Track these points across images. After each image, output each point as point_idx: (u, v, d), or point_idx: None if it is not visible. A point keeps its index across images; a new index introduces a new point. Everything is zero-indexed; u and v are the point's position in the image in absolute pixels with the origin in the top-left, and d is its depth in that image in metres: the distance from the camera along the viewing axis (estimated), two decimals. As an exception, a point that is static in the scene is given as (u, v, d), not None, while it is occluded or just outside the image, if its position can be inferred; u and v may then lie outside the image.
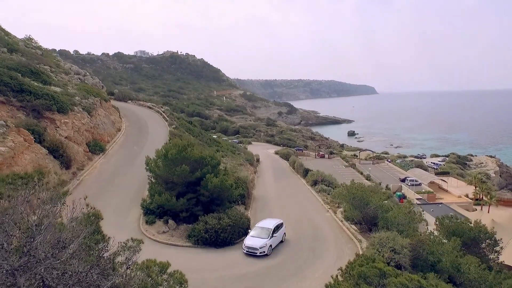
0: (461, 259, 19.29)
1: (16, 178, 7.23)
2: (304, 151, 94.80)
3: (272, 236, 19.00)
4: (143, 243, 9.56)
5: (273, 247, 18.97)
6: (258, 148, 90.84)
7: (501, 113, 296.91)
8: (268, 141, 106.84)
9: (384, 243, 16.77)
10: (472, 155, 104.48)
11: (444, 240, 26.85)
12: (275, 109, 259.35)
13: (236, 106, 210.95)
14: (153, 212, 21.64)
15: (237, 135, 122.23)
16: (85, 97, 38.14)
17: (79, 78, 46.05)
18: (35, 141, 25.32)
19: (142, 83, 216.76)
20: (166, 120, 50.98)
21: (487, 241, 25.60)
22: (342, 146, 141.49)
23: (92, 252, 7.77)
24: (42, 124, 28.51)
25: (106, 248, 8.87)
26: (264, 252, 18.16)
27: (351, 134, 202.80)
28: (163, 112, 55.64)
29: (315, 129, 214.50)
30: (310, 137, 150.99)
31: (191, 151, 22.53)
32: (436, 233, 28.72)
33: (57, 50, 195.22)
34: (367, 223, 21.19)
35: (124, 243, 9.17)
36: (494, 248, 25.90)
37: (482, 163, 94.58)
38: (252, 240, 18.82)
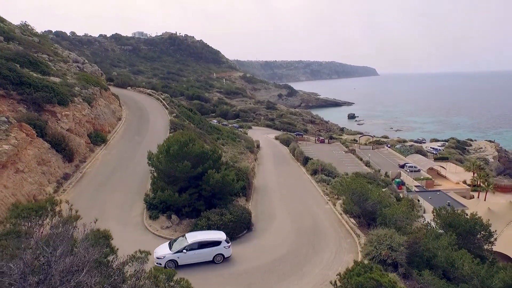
0: (455, 252, 19.91)
1: (30, 211, 7.51)
2: (304, 136, 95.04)
3: (182, 251, 16.78)
4: (150, 254, 9.95)
5: (181, 263, 16.64)
6: (258, 133, 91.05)
7: (504, 95, 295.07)
8: (268, 126, 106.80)
9: (381, 241, 17.28)
10: (471, 140, 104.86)
11: (440, 230, 27.60)
12: (275, 91, 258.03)
13: (236, 88, 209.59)
14: (156, 207, 22.10)
15: (237, 119, 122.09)
16: (84, 87, 37.97)
17: (78, 66, 45.62)
18: (37, 135, 25.49)
19: (141, 65, 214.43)
20: (167, 108, 50.85)
21: (482, 232, 26.27)
22: (342, 130, 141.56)
23: (102, 267, 8.13)
24: (43, 117, 28.59)
25: (115, 261, 9.25)
26: (160, 264, 16.27)
27: (351, 117, 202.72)
28: (163, 99, 55.41)
29: (315, 112, 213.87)
30: (310, 120, 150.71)
31: (192, 147, 22.76)
32: (433, 224, 29.49)
33: (53, 31, 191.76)
34: (366, 217, 21.70)
35: (132, 255, 9.56)
36: (489, 239, 26.62)
37: (481, 148, 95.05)
38: (160, 247, 17.62)
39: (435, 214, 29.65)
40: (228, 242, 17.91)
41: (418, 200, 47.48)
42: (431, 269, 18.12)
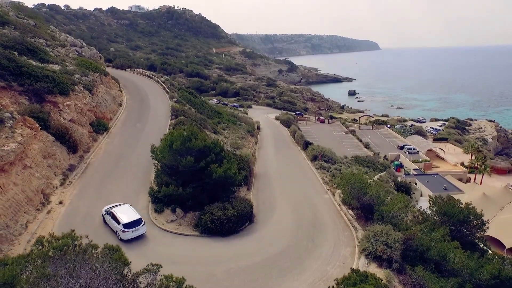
0: (448, 244, 20.83)
1: (56, 251, 8.02)
2: (304, 116, 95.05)
3: (105, 213, 21.05)
4: (161, 267, 10.63)
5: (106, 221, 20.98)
6: (258, 113, 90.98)
7: (509, 71, 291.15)
8: (268, 105, 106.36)
9: (378, 237, 18.11)
10: (471, 120, 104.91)
11: (435, 218, 28.60)
12: (275, 67, 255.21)
13: (236, 64, 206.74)
14: (161, 201, 22.82)
15: (237, 97, 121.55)
16: (84, 74, 37.73)
17: (76, 51, 45.01)
18: (41, 128, 25.75)
19: (139, 41, 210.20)
20: (167, 92, 50.65)
21: (475, 221, 27.32)
22: (342, 108, 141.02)
23: (119, 284, 8.80)
24: (45, 109, 28.73)
25: (130, 273, 9.95)
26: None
27: (352, 93, 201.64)
28: (163, 82, 55.02)
29: (315, 88, 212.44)
30: (310, 98, 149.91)
31: (195, 142, 23.14)
32: (428, 211, 30.56)
33: (47, 5, 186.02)
34: (364, 211, 22.50)
35: (145, 268, 10.26)
36: (481, 228, 27.78)
37: (481, 128, 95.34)
38: (110, 205, 21.77)
39: (431, 202, 30.67)
40: (126, 228, 19.43)
41: (416, 184, 48.49)
42: (425, 262, 19.13)
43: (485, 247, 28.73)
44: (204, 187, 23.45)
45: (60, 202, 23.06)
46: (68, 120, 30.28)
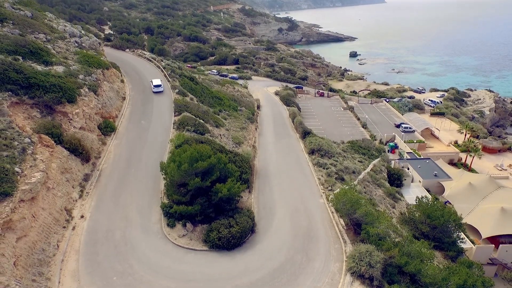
0: (425, 251, 23.83)
1: None
2: (303, 89, 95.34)
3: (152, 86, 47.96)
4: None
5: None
6: (258, 86, 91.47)
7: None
8: (268, 76, 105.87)
9: (362, 257, 20.96)
10: (471, 90, 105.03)
11: (418, 215, 31.69)
12: (275, 26, 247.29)
13: (235, 24, 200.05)
14: (172, 216, 25.43)
15: (237, 66, 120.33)
16: (88, 73, 38.41)
17: (76, 41, 44.91)
18: (55, 144, 27.58)
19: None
20: (168, 81, 51.24)
21: (454, 223, 30.42)
22: (342, 74, 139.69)
23: None
24: (56, 120, 30.26)
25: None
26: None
27: (353, 55, 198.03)
28: (164, 68, 55.20)
29: (316, 49, 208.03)
30: (310, 63, 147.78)
31: (201, 163, 25.17)
32: (413, 208, 33.59)
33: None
34: (354, 225, 25.21)
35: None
36: (459, 229, 31.01)
37: (480, 99, 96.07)
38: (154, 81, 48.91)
39: (417, 201, 33.63)
40: (154, 88, 48.23)
41: (408, 169, 51.20)
42: (403, 274, 22.25)
43: (462, 244, 32.15)
44: (210, 202, 25.98)
45: (82, 216, 25.64)
46: (78, 129, 31.94)
